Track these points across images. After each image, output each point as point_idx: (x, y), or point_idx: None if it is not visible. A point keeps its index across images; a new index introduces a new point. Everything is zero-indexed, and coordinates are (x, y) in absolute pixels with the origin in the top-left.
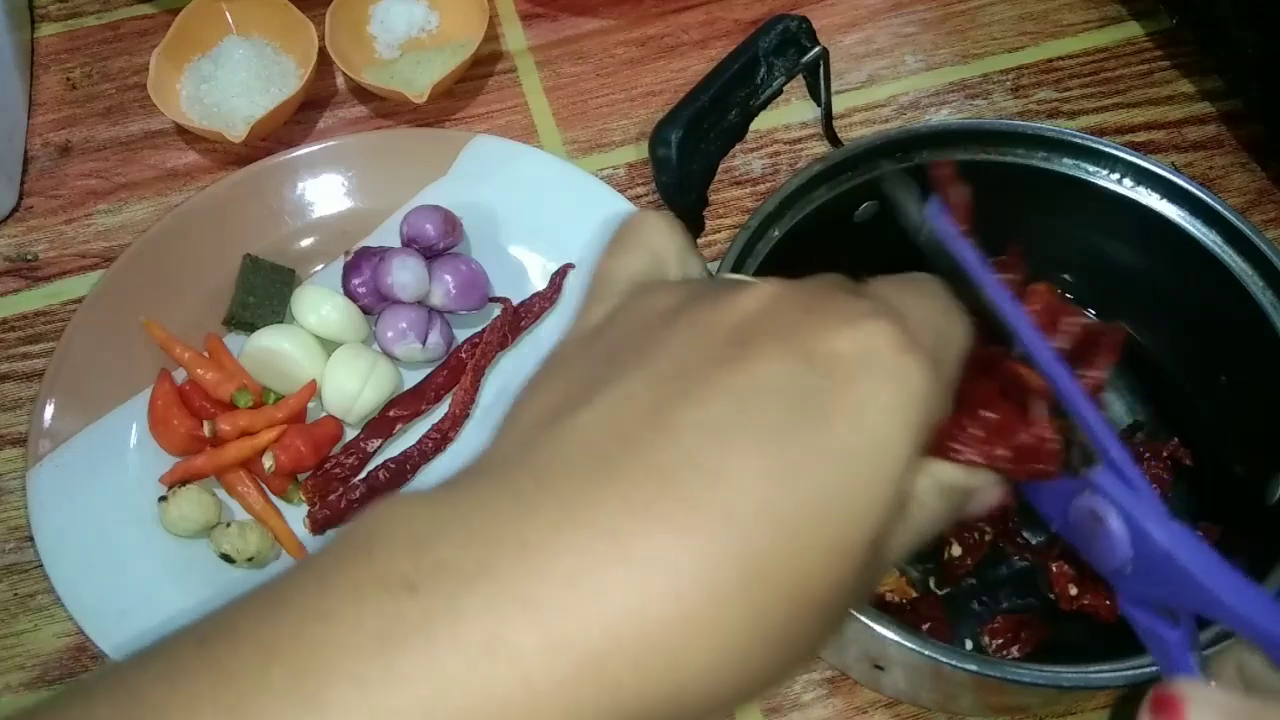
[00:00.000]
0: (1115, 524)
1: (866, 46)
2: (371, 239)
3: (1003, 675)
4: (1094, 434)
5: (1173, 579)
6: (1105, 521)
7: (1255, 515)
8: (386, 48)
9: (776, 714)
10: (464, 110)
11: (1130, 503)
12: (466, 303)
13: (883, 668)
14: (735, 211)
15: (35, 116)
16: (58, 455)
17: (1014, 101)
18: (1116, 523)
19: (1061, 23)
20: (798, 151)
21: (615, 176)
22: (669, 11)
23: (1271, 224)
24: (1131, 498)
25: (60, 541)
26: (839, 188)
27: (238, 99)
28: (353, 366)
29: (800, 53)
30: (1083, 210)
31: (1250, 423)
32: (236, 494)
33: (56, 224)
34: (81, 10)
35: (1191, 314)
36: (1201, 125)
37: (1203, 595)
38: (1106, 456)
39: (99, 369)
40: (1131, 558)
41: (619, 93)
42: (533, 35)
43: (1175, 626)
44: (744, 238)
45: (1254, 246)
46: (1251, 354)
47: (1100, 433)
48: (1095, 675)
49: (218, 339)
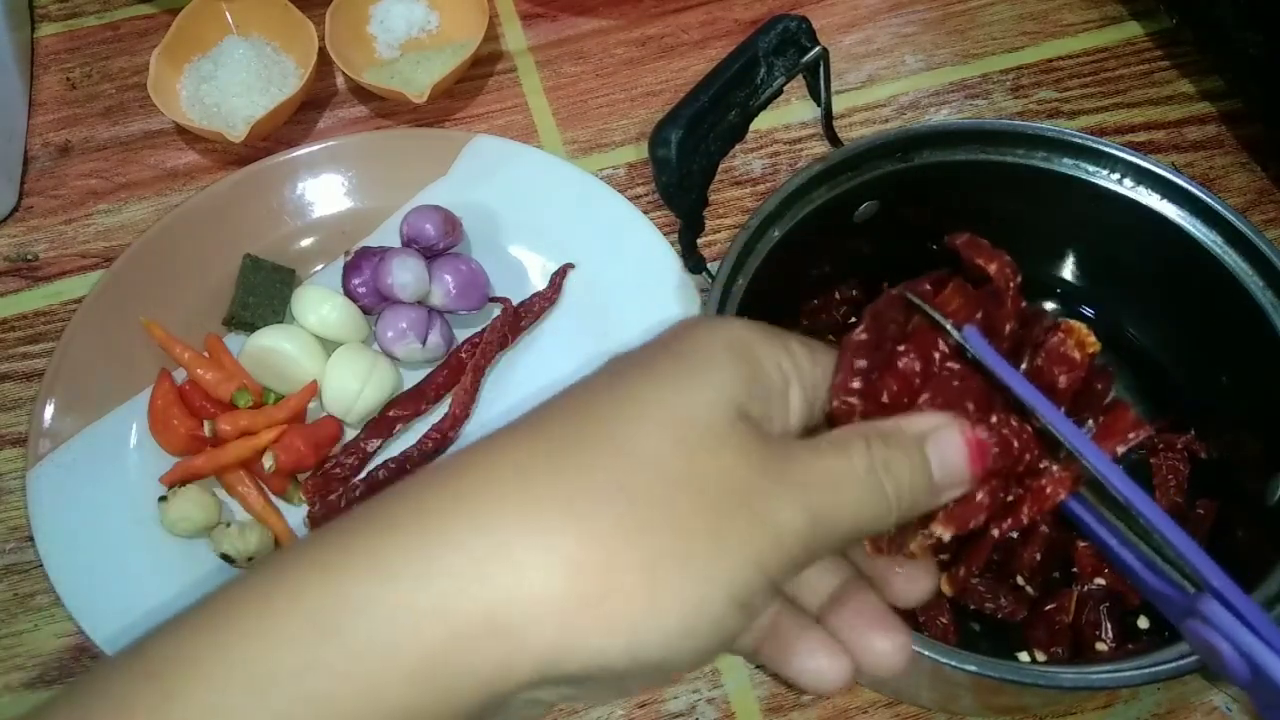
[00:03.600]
0: (1229, 652)
1: (866, 46)
2: (371, 239)
3: (1002, 675)
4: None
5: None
6: (1220, 652)
7: (1255, 515)
8: (386, 48)
9: (776, 713)
10: (464, 110)
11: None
12: (466, 303)
13: None
14: (735, 211)
15: (35, 116)
16: (58, 455)
17: (1014, 101)
18: (1230, 651)
19: (1061, 23)
20: (798, 151)
21: (615, 176)
22: (669, 11)
23: (1271, 224)
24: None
25: (60, 541)
26: (839, 188)
27: (238, 99)
28: (353, 366)
29: (800, 53)
30: (1083, 210)
31: (1251, 423)
32: (236, 494)
33: (56, 224)
34: (81, 10)
35: (1191, 314)
36: (1201, 125)
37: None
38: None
39: (99, 369)
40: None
41: (619, 93)
42: (533, 35)
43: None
44: (744, 237)
45: (1254, 246)
46: (1252, 354)
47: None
48: (1095, 676)
49: (218, 339)
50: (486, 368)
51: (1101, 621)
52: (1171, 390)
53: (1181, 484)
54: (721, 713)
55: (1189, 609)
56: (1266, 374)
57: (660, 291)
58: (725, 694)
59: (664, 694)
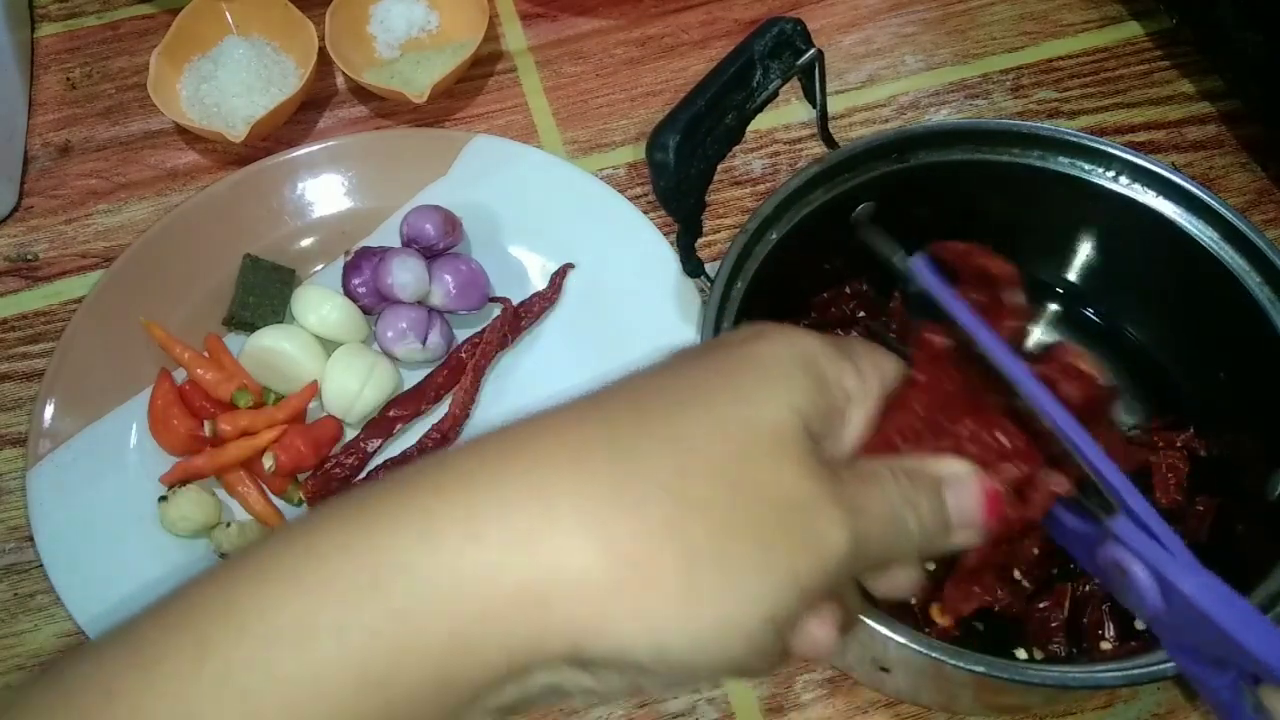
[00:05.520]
0: (1141, 575)
1: (866, 46)
2: (371, 239)
3: (1010, 675)
4: (1109, 482)
5: (1204, 628)
6: (1131, 573)
7: (1255, 512)
8: (386, 48)
9: (777, 714)
10: (464, 110)
11: (1153, 553)
12: (466, 303)
13: (888, 670)
14: (735, 212)
15: (35, 116)
16: (58, 455)
17: (1014, 101)
18: (1142, 574)
19: (1061, 23)
20: (797, 151)
21: (615, 176)
22: (669, 11)
23: (1271, 224)
24: (1154, 548)
25: (60, 541)
26: (836, 189)
27: (238, 99)
28: (353, 366)
29: (795, 55)
30: (1080, 209)
31: (1250, 420)
32: (236, 494)
33: (56, 224)
34: (81, 10)
35: (1189, 311)
36: (1201, 125)
37: (1233, 645)
38: (1124, 505)
39: (99, 369)
40: (1164, 608)
41: (619, 93)
42: (533, 35)
43: (1224, 673)
44: (741, 241)
45: (1251, 244)
46: (1250, 351)
47: (1116, 481)
48: (1102, 674)
49: (218, 339)
50: (486, 368)
51: (1104, 621)
52: (1171, 388)
53: (1181, 482)
54: (721, 713)
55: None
56: (1265, 371)
57: (660, 291)
58: (725, 694)
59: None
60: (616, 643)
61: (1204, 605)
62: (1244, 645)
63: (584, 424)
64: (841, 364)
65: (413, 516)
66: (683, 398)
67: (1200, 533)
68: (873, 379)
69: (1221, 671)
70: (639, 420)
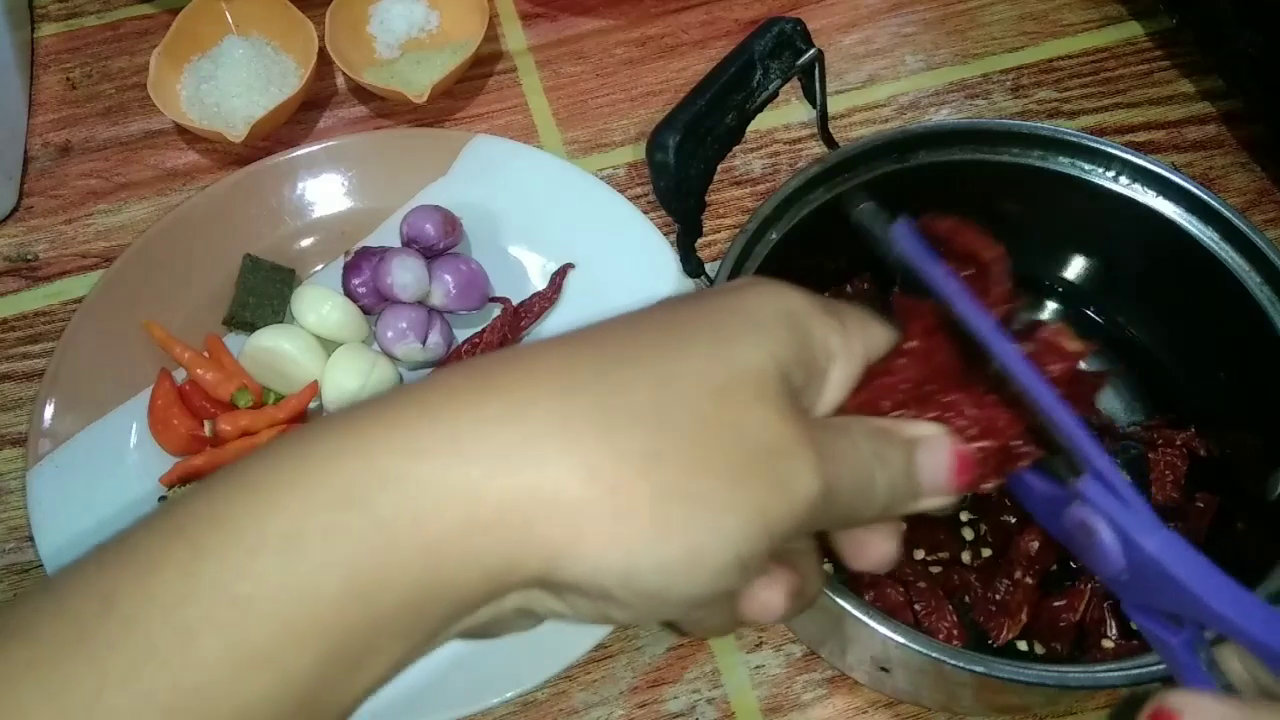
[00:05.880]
0: (1106, 534)
1: (866, 47)
2: (371, 239)
3: (1010, 675)
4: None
5: (1166, 586)
6: (1096, 532)
7: (1256, 512)
8: (386, 48)
9: (776, 714)
10: (464, 110)
11: (1118, 513)
12: (466, 303)
13: (888, 669)
14: (735, 211)
15: (35, 116)
16: (58, 455)
17: (1014, 101)
18: (1107, 533)
19: (1061, 23)
20: (798, 151)
21: (615, 176)
22: (669, 11)
23: (1271, 224)
24: (1119, 508)
25: (60, 541)
26: (836, 189)
27: (238, 99)
28: (353, 366)
29: (795, 55)
30: (1080, 209)
31: (1250, 419)
32: None
33: (56, 224)
34: (81, 10)
35: (1189, 311)
36: (1201, 125)
37: (1194, 602)
38: (1090, 466)
39: (99, 369)
40: (1126, 566)
41: (619, 93)
42: (533, 35)
43: (1180, 631)
44: (742, 241)
45: (1251, 244)
46: (1250, 350)
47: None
48: (1103, 674)
49: (218, 339)
50: None
51: (1106, 619)
52: (1171, 388)
53: (1179, 480)
54: (721, 713)
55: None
56: (1265, 370)
57: (660, 292)
58: (725, 694)
59: (664, 694)
60: (586, 567)
61: (1165, 561)
62: (1202, 599)
63: (573, 354)
64: (827, 322)
65: (400, 431)
66: (670, 336)
67: (1200, 531)
68: (857, 341)
69: (1178, 630)
70: (626, 355)
